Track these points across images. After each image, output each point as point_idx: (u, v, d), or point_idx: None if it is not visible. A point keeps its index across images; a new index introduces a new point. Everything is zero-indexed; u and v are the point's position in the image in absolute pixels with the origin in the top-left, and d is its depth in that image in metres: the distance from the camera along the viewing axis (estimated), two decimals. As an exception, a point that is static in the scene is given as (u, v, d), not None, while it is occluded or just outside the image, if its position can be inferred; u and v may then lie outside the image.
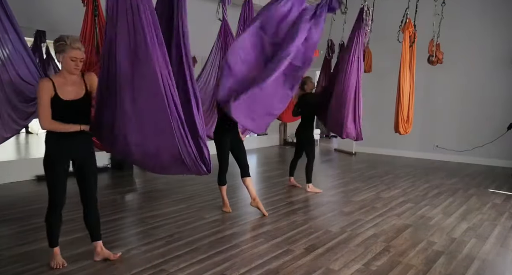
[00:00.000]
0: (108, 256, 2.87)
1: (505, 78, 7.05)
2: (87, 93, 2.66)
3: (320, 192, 5.01)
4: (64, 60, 2.51)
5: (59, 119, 2.54)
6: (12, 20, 3.11)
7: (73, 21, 4.69)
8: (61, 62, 2.54)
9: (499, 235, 3.57)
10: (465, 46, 7.38)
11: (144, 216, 3.95)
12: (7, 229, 3.55)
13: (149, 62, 2.29)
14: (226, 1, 4.57)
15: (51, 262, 2.73)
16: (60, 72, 2.60)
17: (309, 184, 5.05)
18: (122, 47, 2.33)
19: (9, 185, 5.13)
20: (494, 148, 7.17)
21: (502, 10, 7.01)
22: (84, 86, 2.65)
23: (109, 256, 2.87)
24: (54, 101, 2.52)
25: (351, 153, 8.60)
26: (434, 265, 2.90)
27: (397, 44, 5.38)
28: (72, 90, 2.58)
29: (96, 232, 2.87)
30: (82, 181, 2.75)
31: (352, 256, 3.04)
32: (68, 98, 2.56)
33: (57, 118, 2.54)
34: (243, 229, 3.65)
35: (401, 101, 5.22)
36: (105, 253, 2.87)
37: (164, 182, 5.53)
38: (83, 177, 2.74)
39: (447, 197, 4.93)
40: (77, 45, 2.50)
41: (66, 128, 2.57)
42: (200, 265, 2.81)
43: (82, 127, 2.61)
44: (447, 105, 7.69)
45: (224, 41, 4.65)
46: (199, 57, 7.37)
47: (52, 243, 2.75)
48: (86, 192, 2.77)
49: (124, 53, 2.34)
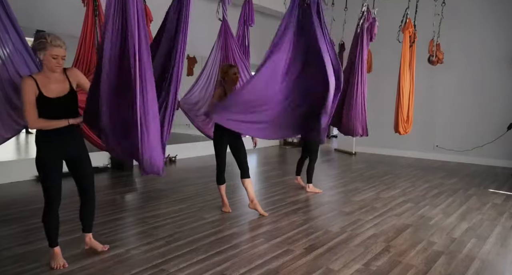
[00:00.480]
0: (96, 247, 2.96)
1: (505, 78, 7.04)
2: (72, 89, 2.66)
3: (320, 192, 5.01)
4: (45, 58, 2.49)
5: (46, 117, 2.55)
6: (13, 20, 3.11)
7: (73, 21, 4.70)
8: (42, 60, 2.52)
9: (499, 235, 3.57)
10: (465, 46, 7.38)
11: (144, 216, 3.95)
12: (7, 229, 3.55)
13: (126, 57, 2.34)
14: (226, 1, 4.57)
15: (52, 263, 2.73)
16: (42, 70, 2.59)
17: (309, 184, 5.05)
18: (107, 44, 2.37)
19: (9, 185, 5.13)
20: (494, 148, 7.17)
21: (502, 10, 7.00)
22: (68, 82, 2.65)
23: (97, 247, 2.96)
24: (40, 100, 2.52)
25: (351, 153, 8.60)
26: (434, 265, 2.90)
27: (397, 44, 5.38)
28: (56, 87, 2.58)
29: (89, 224, 2.96)
30: (79, 173, 2.78)
31: (352, 256, 3.04)
32: (53, 96, 2.55)
33: (44, 117, 2.54)
34: (242, 229, 3.65)
35: (401, 101, 5.22)
36: (93, 244, 2.98)
37: (164, 182, 5.53)
38: (78, 169, 2.77)
39: (447, 197, 4.93)
40: (58, 42, 2.48)
41: (54, 125, 2.57)
42: (200, 265, 2.81)
43: (71, 121, 2.62)
44: (447, 105, 7.69)
45: (224, 41, 4.64)
46: (199, 57, 7.39)
47: (51, 242, 2.76)
48: (83, 182, 2.81)
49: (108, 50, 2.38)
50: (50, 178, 2.64)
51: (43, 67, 2.57)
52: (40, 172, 2.64)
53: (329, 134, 11.58)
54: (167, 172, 6.29)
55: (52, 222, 2.72)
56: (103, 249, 3.00)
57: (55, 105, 2.57)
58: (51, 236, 2.74)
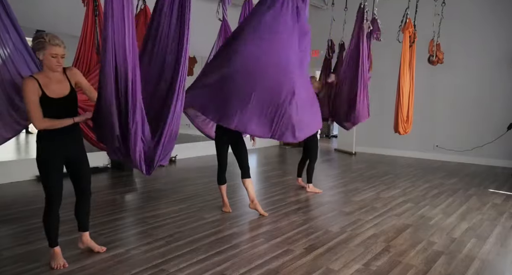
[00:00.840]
0: (93, 248, 2.97)
1: (505, 78, 7.04)
2: (72, 89, 2.66)
3: (320, 192, 5.01)
4: (45, 58, 2.49)
5: (48, 117, 2.54)
6: (13, 20, 3.10)
7: (73, 21, 4.69)
8: (42, 60, 2.51)
9: (499, 235, 3.57)
10: (465, 46, 7.38)
11: (144, 216, 3.95)
12: (7, 229, 3.55)
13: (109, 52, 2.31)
14: (226, 1, 4.57)
15: (52, 263, 2.73)
16: (42, 70, 2.58)
17: (309, 184, 5.06)
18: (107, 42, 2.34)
19: (9, 185, 5.13)
20: (494, 148, 7.17)
21: (502, 10, 7.00)
22: (68, 82, 2.65)
23: (93, 248, 2.97)
24: (43, 100, 2.51)
25: (351, 153, 8.60)
26: (434, 265, 2.90)
27: (397, 44, 5.38)
28: (57, 88, 2.58)
29: (85, 222, 2.96)
30: (77, 173, 2.79)
31: (352, 256, 3.04)
32: (55, 96, 2.56)
33: (47, 117, 2.54)
34: (243, 229, 3.65)
35: (401, 101, 5.23)
36: (90, 243, 2.98)
37: (164, 182, 5.53)
38: (77, 170, 2.78)
39: (447, 197, 4.93)
40: (56, 41, 2.47)
41: (60, 124, 2.57)
42: (200, 265, 2.81)
43: (76, 120, 2.63)
44: (447, 105, 7.69)
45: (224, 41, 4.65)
46: (199, 57, 7.38)
47: (51, 242, 2.75)
48: (82, 182, 2.82)
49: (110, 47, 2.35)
50: (51, 178, 2.63)
51: (43, 67, 2.57)
52: (42, 172, 2.64)
53: (329, 134, 11.59)
54: (167, 172, 6.32)
55: (53, 222, 2.72)
56: (99, 250, 2.99)
57: (56, 106, 2.57)
58: (51, 236, 2.74)
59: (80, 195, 2.87)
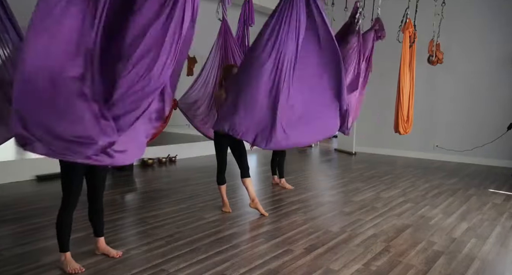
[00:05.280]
0: (108, 253, 2.93)
1: (505, 78, 7.04)
2: None
3: (291, 188, 5.17)
4: None
5: None
6: (12, 20, 3.10)
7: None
8: None
9: (499, 235, 3.57)
10: (465, 46, 7.38)
11: (144, 216, 3.95)
12: (7, 229, 3.55)
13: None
14: (226, 1, 4.57)
15: (66, 268, 2.66)
16: None
17: (281, 179, 5.31)
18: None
19: (9, 185, 5.13)
20: (494, 148, 7.17)
21: (502, 10, 7.00)
22: None
23: (108, 253, 2.93)
24: None
25: (351, 153, 8.60)
26: (434, 265, 2.90)
27: (397, 44, 5.38)
28: None
29: (100, 228, 2.94)
30: (93, 180, 2.79)
31: (352, 256, 3.04)
32: None
33: None
34: (243, 229, 3.65)
35: (401, 101, 5.22)
36: (105, 249, 2.94)
37: (164, 182, 5.53)
38: (94, 176, 2.77)
39: (447, 197, 4.93)
40: None
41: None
42: (200, 265, 2.81)
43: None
44: (447, 105, 7.69)
45: (224, 41, 4.65)
46: (199, 57, 7.38)
47: (63, 247, 2.70)
48: (96, 191, 2.82)
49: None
50: (74, 183, 2.62)
51: None
52: (64, 175, 2.62)
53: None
54: (167, 172, 6.32)
55: (66, 225, 2.68)
56: (114, 255, 2.92)
57: None
58: (63, 241, 2.69)
59: (92, 198, 2.85)
